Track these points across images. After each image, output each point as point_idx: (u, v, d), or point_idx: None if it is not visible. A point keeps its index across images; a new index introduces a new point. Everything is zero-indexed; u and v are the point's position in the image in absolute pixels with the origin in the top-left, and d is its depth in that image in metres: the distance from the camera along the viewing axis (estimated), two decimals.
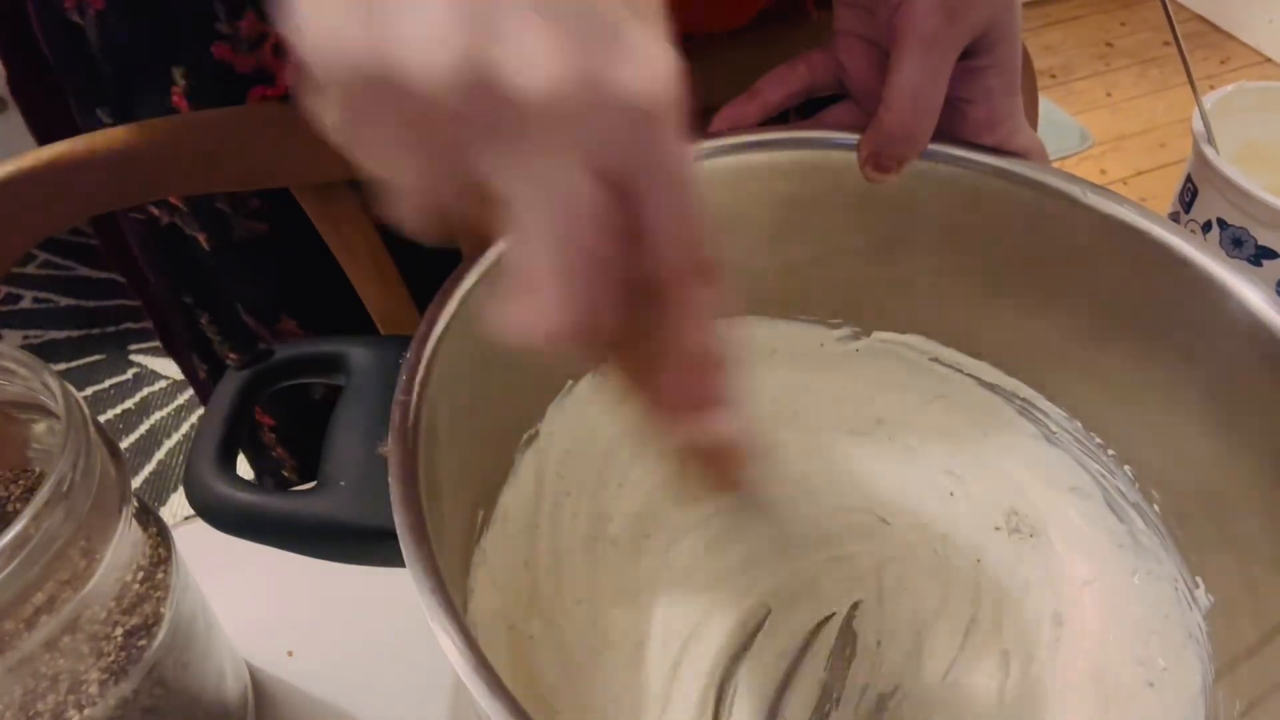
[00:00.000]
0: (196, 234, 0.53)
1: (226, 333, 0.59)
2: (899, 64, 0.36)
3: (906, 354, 0.45)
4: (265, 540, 0.30)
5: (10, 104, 0.53)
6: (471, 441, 0.36)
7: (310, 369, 0.35)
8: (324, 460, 0.31)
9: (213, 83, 0.44)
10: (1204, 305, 0.34)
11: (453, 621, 0.24)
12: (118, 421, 1.40)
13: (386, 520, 0.26)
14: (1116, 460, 0.40)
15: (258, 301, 0.55)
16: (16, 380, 0.29)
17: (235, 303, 0.56)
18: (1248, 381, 0.34)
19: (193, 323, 0.60)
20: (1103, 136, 1.92)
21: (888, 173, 0.38)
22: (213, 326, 0.59)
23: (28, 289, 1.57)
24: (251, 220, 0.50)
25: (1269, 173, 0.66)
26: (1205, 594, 0.36)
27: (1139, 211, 0.36)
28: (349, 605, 0.41)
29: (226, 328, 0.59)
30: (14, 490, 0.32)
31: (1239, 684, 0.34)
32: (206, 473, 0.31)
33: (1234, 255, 0.61)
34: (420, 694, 0.39)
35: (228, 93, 0.44)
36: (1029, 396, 0.43)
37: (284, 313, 0.55)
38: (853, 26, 0.39)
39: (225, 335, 0.59)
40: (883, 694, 0.36)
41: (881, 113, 0.36)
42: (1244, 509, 0.35)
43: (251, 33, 0.42)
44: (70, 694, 0.28)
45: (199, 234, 0.53)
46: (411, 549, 0.25)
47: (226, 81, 0.44)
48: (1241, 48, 2.16)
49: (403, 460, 0.28)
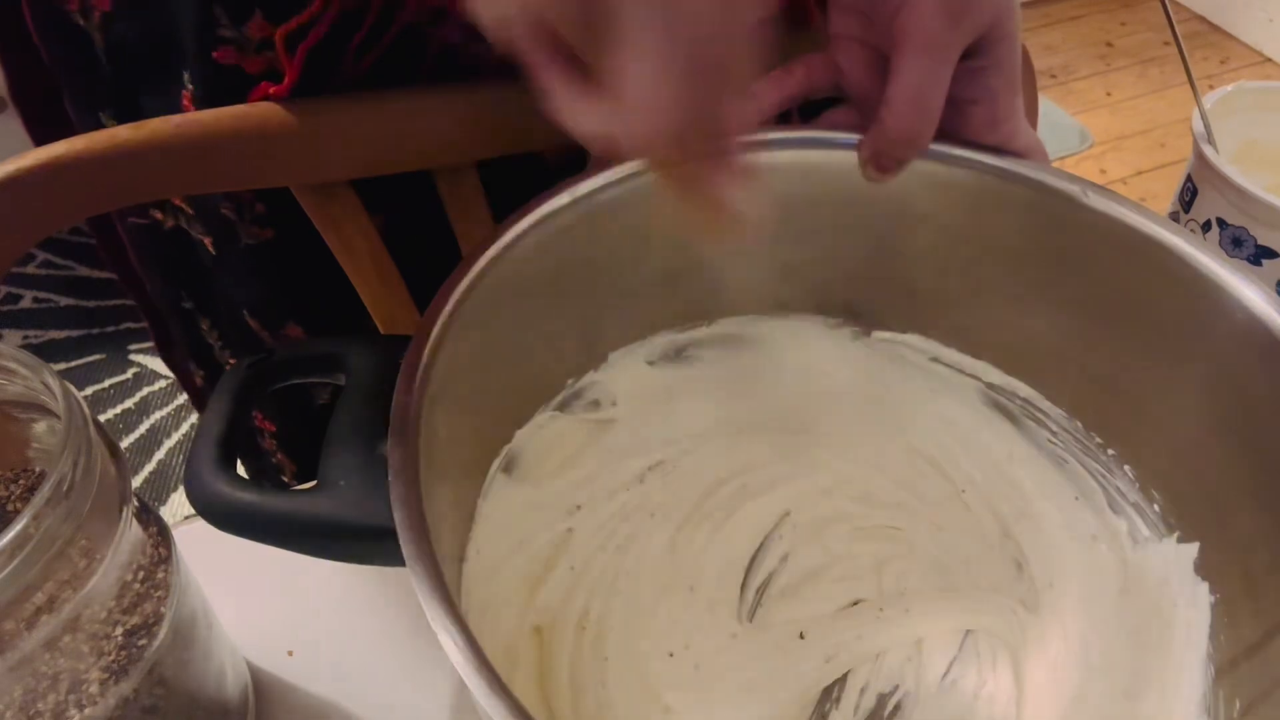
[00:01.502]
0: (202, 238, 0.53)
1: (228, 338, 0.59)
2: (900, 66, 0.36)
3: (906, 354, 0.45)
4: (265, 539, 0.30)
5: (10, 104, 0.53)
6: (471, 440, 0.36)
7: (310, 368, 0.35)
8: (323, 459, 0.31)
9: (221, 85, 0.44)
10: (1204, 305, 0.34)
11: (453, 620, 0.24)
12: (118, 421, 1.40)
13: (386, 519, 0.26)
14: (1116, 460, 0.40)
15: (262, 306, 0.55)
16: (16, 380, 0.29)
17: (240, 307, 0.56)
18: (1247, 381, 0.34)
19: (192, 329, 0.60)
20: (1103, 136, 1.93)
21: (888, 173, 0.38)
22: (214, 332, 0.59)
23: (28, 289, 1.57)
24: (256, 226, 0.50)
25: (1269, 173, 0.66)
26: (1205, 594, 0.36)
27: (1139, 211, 0.36)
28: (349, 605, 0.41)
29: (228, 333, 0.58)
30: (14, 490, 0.32)
31: (1239, 683, 0.34)
32: (206, 471, 0.31)
33: (1234, 255, 0.61)
34: (420, 693, 0.39)
35: (235, 95, 0.44)
36: (1029, 396, 0.43)
37: (289, 318, 0.55)
38: (849, 30, 0.39)
39: (226, 341, 0.59)
40: (882, 694, 0.36)
41: (883, 114, 0.36)
42: (1244, 509, 0.35)
43: (259, 35, 0.42)
44: (70, 694, 0.28)
45: (204, 238, 0.53)
46: (411, 548, 0.26)
47: (236, 83, 0.44)
48: (1241, 48, 2.16)
49: (402, 459, 0.28)
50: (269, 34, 0.42)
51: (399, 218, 0.52)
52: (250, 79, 0.44)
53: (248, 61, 0.43)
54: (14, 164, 0.43)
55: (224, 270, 0.54)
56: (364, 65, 0.44)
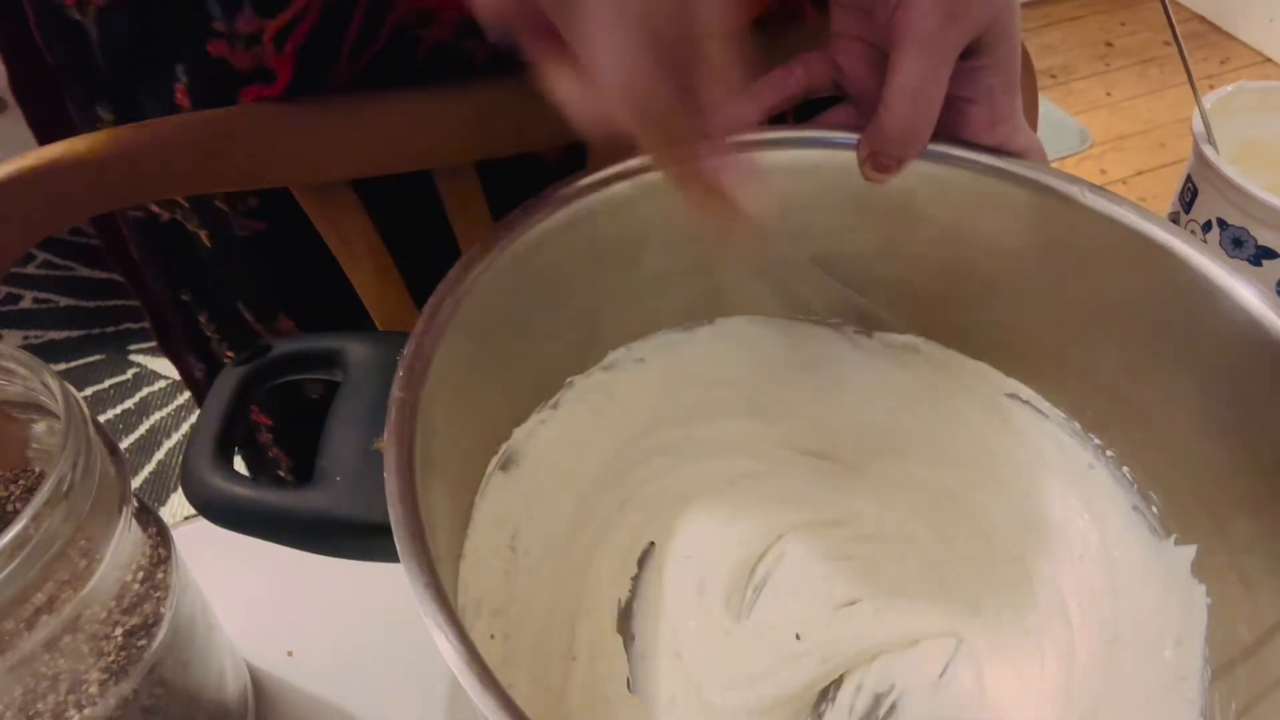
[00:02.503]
0: (198, 230, 0.53)
1: (224, 331, 0.59)
2: (899, 64, 0.36)
3: (905, 355, 0.45)
4: (261, 534, 0.30)
5: (10, 104, 0.54)
6: (468, 438, 0.36)
7: (308, 365, 0.35)
8: (320, 455, 0.31)
9: (211, 80, 0.44)
10: (1202, 306, 0.34)
11: (446, 616, 0.24)
12: (118, 421, 1.40)
13: (382, 515, 0.26)
14: (1115, 461, 0.40)
15: (256, 298, 0.55)
16: (16, 380, 0.29)
17: (235, 299, 0.56)
18: (1246, 382, 0.34)
19: (190, 321, 0.60)
20: (1103, 136, 1.92)
21: (887, 172, 0.38)
22: (211, 325, 0.59)
23: (28, 289, 1.57)
24: (249, 219, 0.50)
25: (1269, 173, 0.66)
26: (1202, 596, 0.36)
27: (1137, 212, 0.36)
28: (349, 605, 0.41)
29: (225, 325, 0.59)
30: (14, 490, 0.32)
31: (1236, 685, 0.34)
32: (204, 468, 0.31)
33: (1234, 255, 0.61)
34: (420, 693, 0.39)
35: (226, 90, 0.44)
36: (1029, 398, 0.43)
37: (281, 311, 0.55)
38: (850, 28, 0.39)
39: (223, 334, 0.59)
40: (878, 693, 0.36)
41: (881, 112, 0.36)
42: (1241, 511, 0.35)
43: (248, 29, 0.42)
44: (70, 694, 0.28)
45: (200, 231, 0.53)
46: (406, 544, 0.26)
47: (225, 79, 0.44)
48: (1241, 48, 2.16)
49: (398, 456, 0.28)
50: (258, 29, 0.42)
51: (399, 218, 0.52)
52: (240, 76, 0.44)
53: (237, 56, 0.43)
54: (14, 164, 0.43)
55: (219, 263, 0.54)
56: (357, 66, 0.44)
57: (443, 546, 0.30)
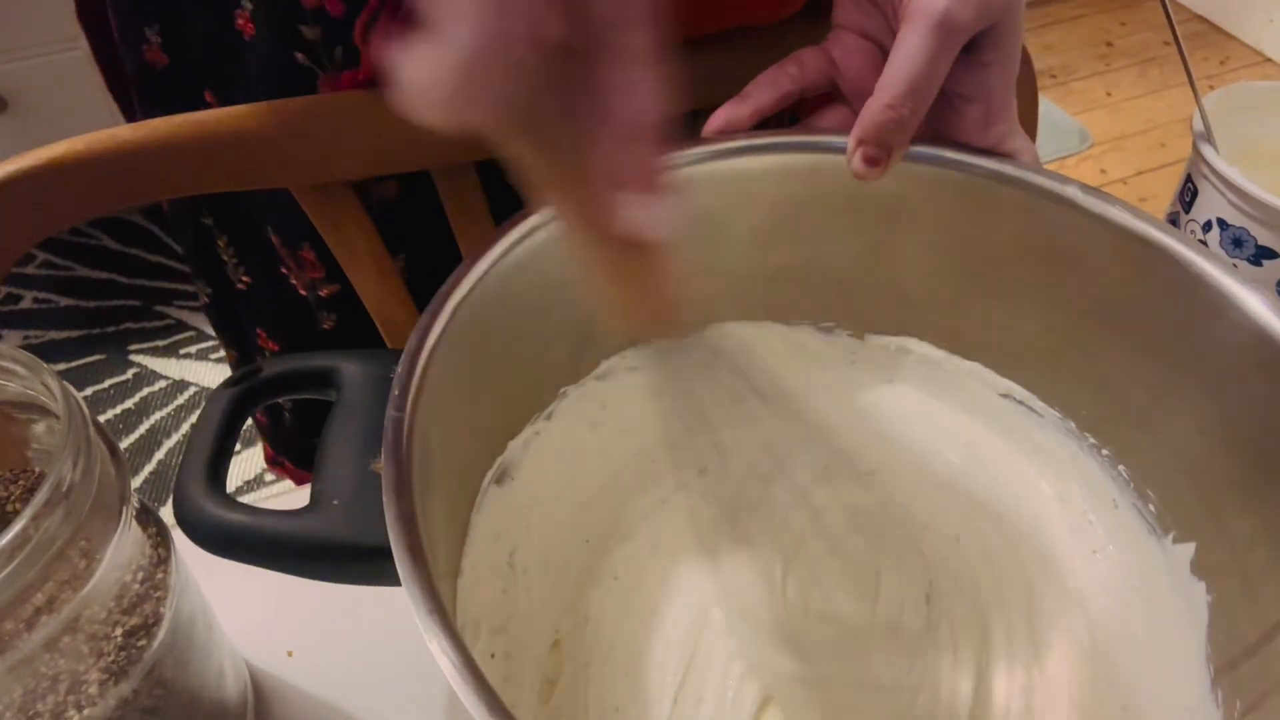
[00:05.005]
0: None
1: (244, 256, 0.59)
2: (904, 41, 0.35)
3: (900, 357, 0.45)
4: (257, 561, 0.30)
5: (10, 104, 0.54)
6: (463, 452, 0.35)
7: (300, 384, 0.34)
8: (315, 478, 0.31)
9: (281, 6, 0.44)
10: (1199, 306, 0.34)
11: (450, 641, 0.24)
12: (118, 421, 1.40)
13: (381, 539, 0.26)
14: (1112, 461, 0.40)
15: (286, 223, 0.55)
16: (16, 380, 0.29)
17: (264, 223, 0.55)
18: (1243, 381, 0.34)
19: (207, 245, 0.60)
20: (1102, 136, 1.92)
21: (876, 165, 0.36)
22: (230, 249, 0.59)
23: (28, 289, 1.57)
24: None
25: (1269, 173, 0.66)
26: (1203, 594, 0.36)
27: (1133, 213, 0.36)
28: (349, 605, 0.41)
29: (247, 252, 0.59)
30: (14, 490, 0.32)
31: (1239, 684, 0.34)
32: (195, 492, 0.30)
33: (1234, 255, 0.61)
34: (419, 693, 0.39)
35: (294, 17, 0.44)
36: (1024, 398, 0.43)
37: (305, 240, 0.54)
38: (853, 20, 0.39)
39: (242, 259, 0.59)
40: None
41: (877, 90, 0.35)
42: (1240, 508, 0.35)
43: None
44: (70, 694, 0.28)
45: None
46: (407, 568, 0.25)
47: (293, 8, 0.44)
48: (1241, 48, 2.15)
49: (396, 477, 0.27)
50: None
51: (399, 218, 0.52)
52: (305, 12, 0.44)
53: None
54: (14, 164, 0.43)
55: None
56: None
57: (441, 564, 0.30)
